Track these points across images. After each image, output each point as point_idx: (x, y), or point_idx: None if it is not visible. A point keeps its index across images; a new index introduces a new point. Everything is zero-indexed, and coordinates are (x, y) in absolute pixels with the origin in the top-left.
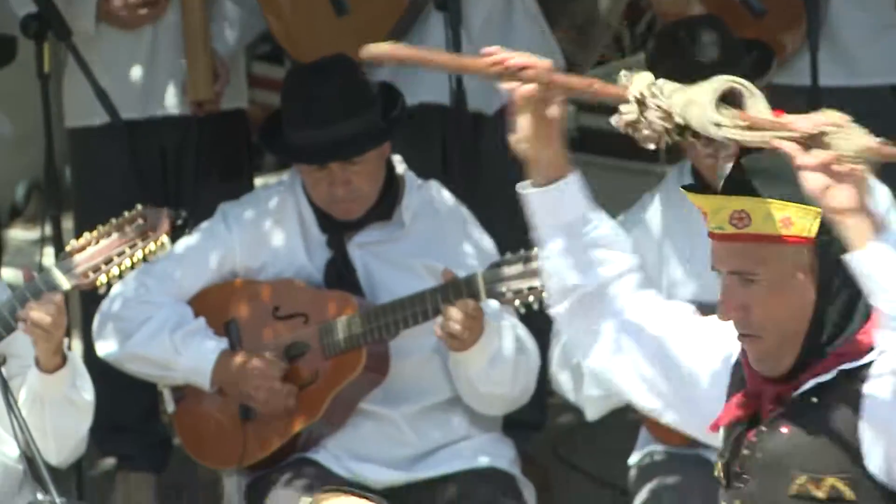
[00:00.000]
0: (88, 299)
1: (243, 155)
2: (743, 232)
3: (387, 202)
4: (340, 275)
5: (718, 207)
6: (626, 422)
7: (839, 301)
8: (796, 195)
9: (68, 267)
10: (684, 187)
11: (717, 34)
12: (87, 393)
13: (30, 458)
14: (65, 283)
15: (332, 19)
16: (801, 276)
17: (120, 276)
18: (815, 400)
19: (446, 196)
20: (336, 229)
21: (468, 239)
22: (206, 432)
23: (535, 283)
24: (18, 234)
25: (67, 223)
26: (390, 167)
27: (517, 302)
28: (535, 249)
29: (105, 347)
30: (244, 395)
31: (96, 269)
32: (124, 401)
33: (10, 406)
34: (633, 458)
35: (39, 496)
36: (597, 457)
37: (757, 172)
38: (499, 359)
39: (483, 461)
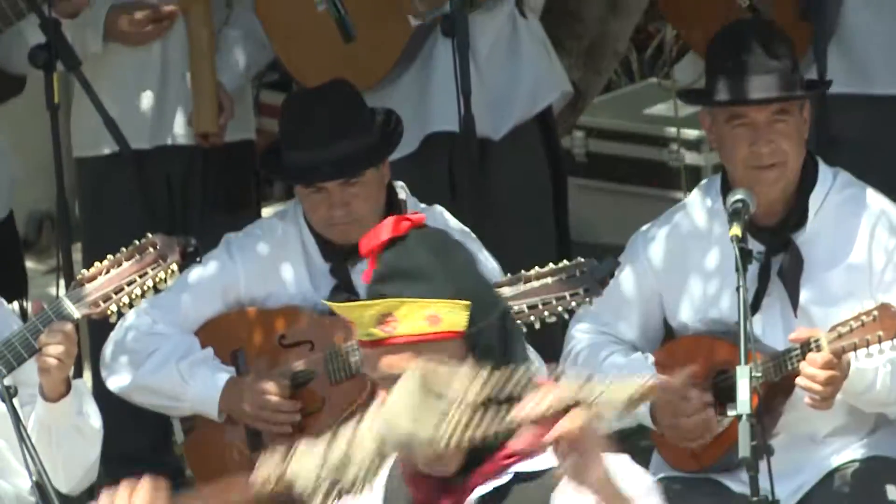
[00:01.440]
0: (97, 329)
1: (250, 185)
2: (393, 335)
3: None
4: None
5: (362, 314)
6: (638, 448)
7: None
8: (440, 291)
9: (79, 296)
10: (329, 300)
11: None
12: (95, 420)
13: (41, 488)
14: (75, 312)
15: (339, 45)
16: None
17: (131, 305)
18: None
19: (451, 221)
20: (339, 257)
21: None
22: (216, 462)
23: (536, 302)
24: (29, 265)
25: (78, 254)
26: (392, 193)
27: (518, 322)
28: (535, 269)
29: (114, 381)
30: (249, 418)
31: (107, 299)
32: (136, 431)
33: (22, 437)
34: None
35: None
36: None
37: (396, 274)
38: None
39: None
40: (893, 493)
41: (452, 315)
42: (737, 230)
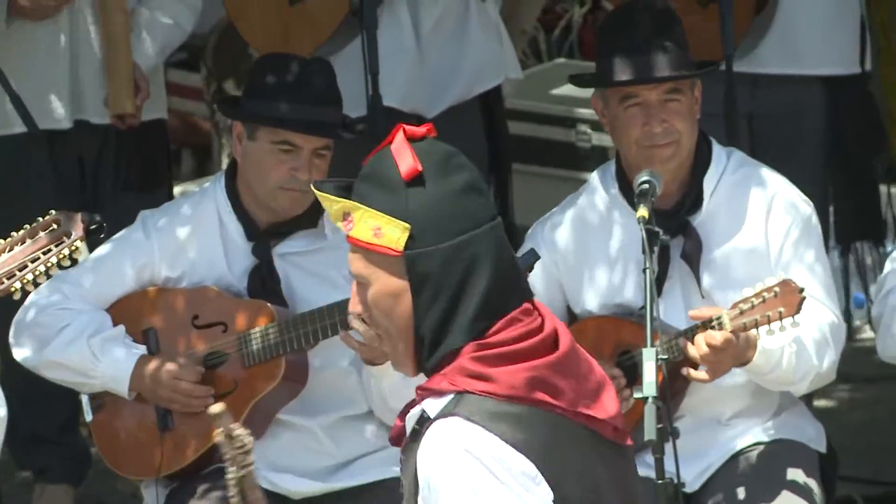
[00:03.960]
0: (3, 308)
1: (163, 165)
2: (349, 235)
3: (314, 210)
4: (264, 283)
5: (331, 206)
6: None
7: (432, 316)
8: (393, 207)
9: None
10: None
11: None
12: (1, 408)
13: None
14: None
15: (285, 8)
16: (398, 284)
17: (35, 283)
18: (417, 429)
19: None
20: (263, 237)
21: None
22: (124, 442)
23: None
24: None
25: None
26: None
27: None
28: None
29: (22, 353)
30: (162, 400)
31: (10, 276)
32: (42, 413)
33: None
34: None
35: None
36: None
37: (366, 178)
38: None
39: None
40: (796, 475)
41: (392, 233)
42: (644, 211)
